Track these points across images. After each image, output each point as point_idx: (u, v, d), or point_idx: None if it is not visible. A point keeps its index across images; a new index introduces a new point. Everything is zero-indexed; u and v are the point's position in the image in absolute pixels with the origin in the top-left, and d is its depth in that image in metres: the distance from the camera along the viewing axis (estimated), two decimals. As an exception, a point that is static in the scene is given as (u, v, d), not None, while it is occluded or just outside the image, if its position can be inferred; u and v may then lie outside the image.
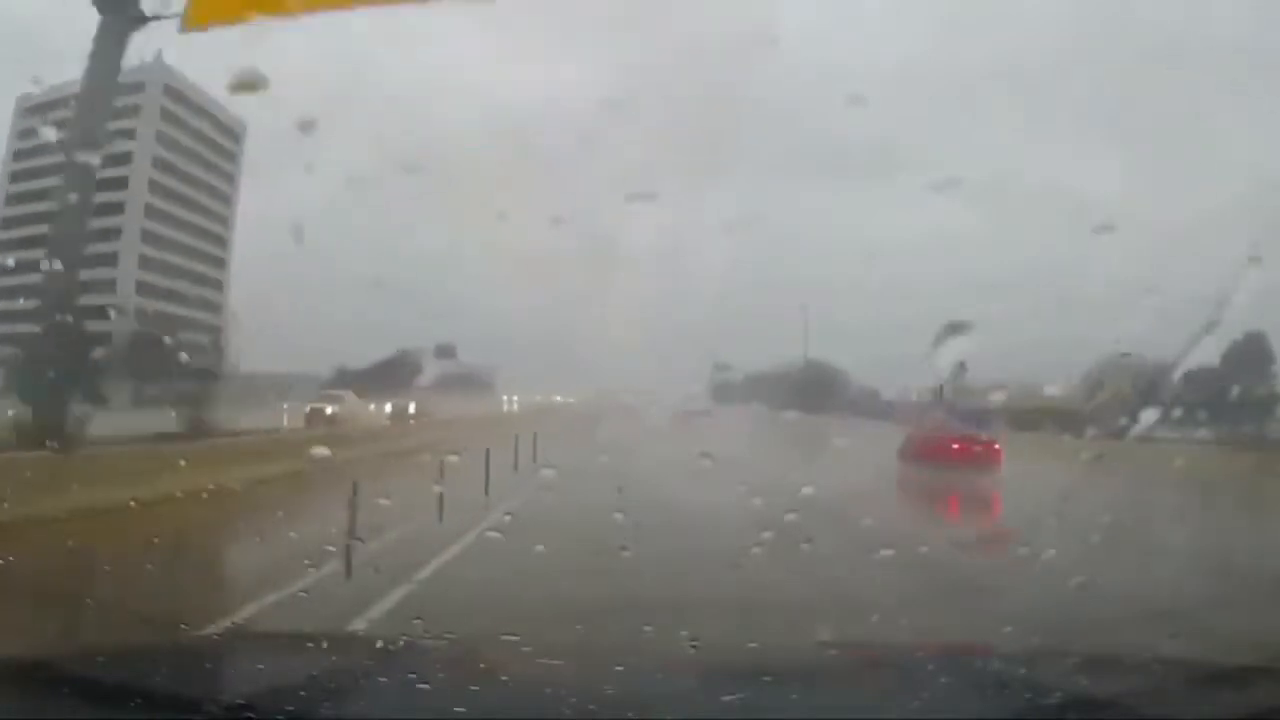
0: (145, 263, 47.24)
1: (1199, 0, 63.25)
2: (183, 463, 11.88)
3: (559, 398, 50.70)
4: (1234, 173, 53.13)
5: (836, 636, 4.62)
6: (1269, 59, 48.95)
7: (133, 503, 9.55)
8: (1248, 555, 9.08)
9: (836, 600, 6.59)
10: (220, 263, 52.64)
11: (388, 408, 35.23)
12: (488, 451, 13.37)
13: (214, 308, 50.59)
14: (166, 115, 48.51)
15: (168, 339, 37.80)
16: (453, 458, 10.06)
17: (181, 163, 49.63)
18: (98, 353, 32.22)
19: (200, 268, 50.63)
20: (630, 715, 1.83)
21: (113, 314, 41.43)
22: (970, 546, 9.22)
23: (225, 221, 53.15)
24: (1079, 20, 69.57)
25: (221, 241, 53.13)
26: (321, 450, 13.54)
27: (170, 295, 46.06)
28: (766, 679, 2.26)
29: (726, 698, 2.14)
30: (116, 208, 45.04)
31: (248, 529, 9.16)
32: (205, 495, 10.25)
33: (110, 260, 45.35)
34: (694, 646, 3.03)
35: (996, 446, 19.60)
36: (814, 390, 41.25)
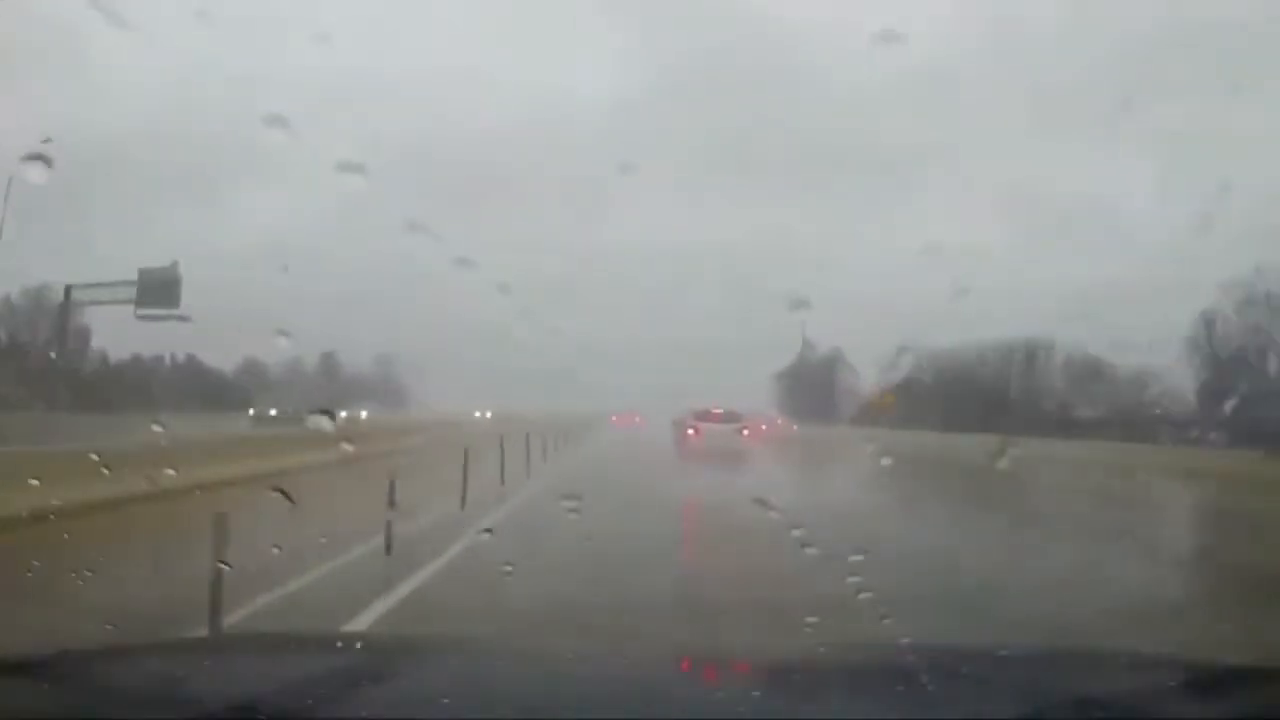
0: None
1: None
2: None
3: (486, 412, 42.73)
4: None
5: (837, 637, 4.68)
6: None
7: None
8: None
9: None
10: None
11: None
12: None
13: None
14: None
15: None
16: None
17: None
18: None
19: None
20: (629, 715, 1.79)
21: None
22: None
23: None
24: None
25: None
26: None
27: None
28: (767, 679, 2.31)
29: (726, 698, 2.14)
30: None
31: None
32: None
33: None
34: (693, 648, 3.15)
35: None
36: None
